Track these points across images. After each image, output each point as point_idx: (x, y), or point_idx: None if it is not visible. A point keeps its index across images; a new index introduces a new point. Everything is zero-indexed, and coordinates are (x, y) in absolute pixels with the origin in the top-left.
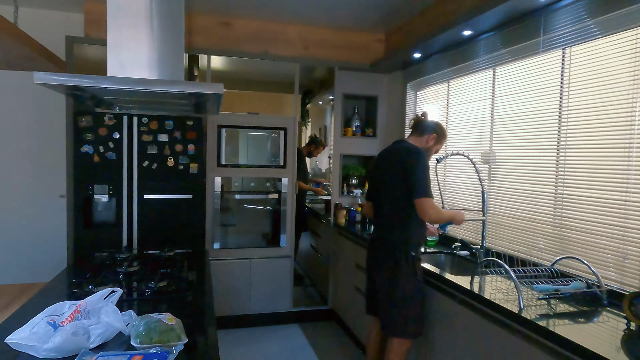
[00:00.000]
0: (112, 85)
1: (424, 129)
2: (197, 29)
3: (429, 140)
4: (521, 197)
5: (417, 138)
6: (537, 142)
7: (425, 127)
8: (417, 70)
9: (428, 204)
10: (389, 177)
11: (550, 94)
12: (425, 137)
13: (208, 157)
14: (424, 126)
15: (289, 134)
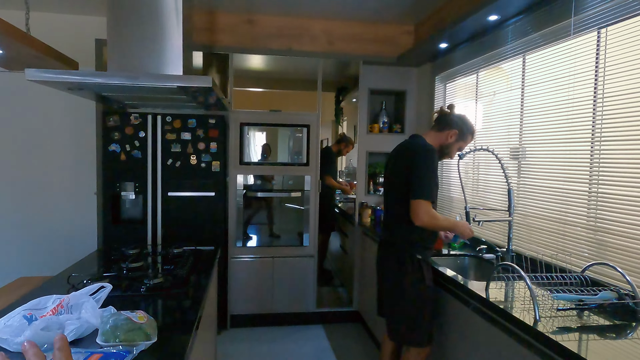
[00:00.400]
0: (98, 80)
1: (445, 123)
2: (221, 28)
3: (449, 136)
4: (552, 196)
5: (437, 133)
6: (570, 135)
7: (447, 122)
8: (445, 62)
9: (421, 206)
10: (395, 175)
11: (584, 80)
12: (446, 133)
13: (230, 155)
14: (445, 120)
15: (312, 131)
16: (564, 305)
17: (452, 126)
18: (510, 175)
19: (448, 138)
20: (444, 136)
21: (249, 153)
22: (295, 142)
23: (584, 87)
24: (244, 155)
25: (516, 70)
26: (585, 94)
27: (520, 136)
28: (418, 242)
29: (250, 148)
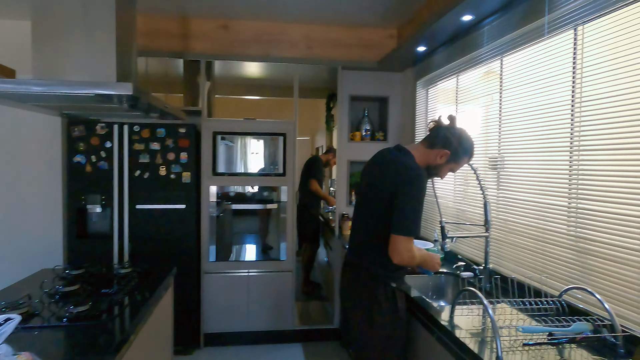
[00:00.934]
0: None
1: (437, 140)
2: (195, 34)
3: (439, 156)
4: (531, 211)
5: (426, 150)
6: (548, 144)
7: (440, 139)
8: (426, 66)
9: (402, 243)
10: (374, 191)
11: (562, 83)
12: (436, 152)
13: (203, 165)
14: (438, 136)
15: (289, 140)
16: (530, 340)
17: (445, 145)
18: (489, 187)
19: (437, 158)
20: (434, 155)
21: (223, 163)
22: (272, 152)
23: (562, 90)
24: (218, 165)
25: (494, 71)
26: (563, 98)
27: (499, 145)
28: (393, 268)
29: (224, 158)
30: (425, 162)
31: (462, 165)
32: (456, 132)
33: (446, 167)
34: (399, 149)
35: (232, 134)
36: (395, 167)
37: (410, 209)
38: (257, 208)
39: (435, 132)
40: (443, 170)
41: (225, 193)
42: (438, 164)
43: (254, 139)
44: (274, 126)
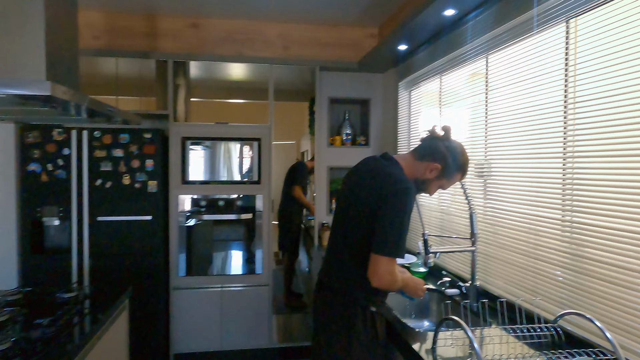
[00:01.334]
0: None
1: (428, 152)
2: (162, 33)
3: (429, 170)
4: (522, 224)
5: (415, 162)
6: (539, 149)
7: (431, 151)
8: (408, 67)
9: (384, 265)
10: (354, 206)
11: (553, 83)
12: (425, 165)
13: (171, 173)
14: (429, 148)
15: (264, 145)
16: None
17: (436, 158)
18: (475, 196)
19: (427, 172)
20: (423, 168)
21: (193, 171)
22: (246, 158)
23: (553, 90)
24: (187, 173)
25: (479, 73)
26: (555, 98)
27: (485, 150)
28: (373, 290)
29: (195, 165)
30: (413, 175)
31: (453, 183)
32: (450, 145)
33: (435, 183)
34: (387, 158)
35: (202, 139)
36: (380, 177)
37: (394, 226)
38: (231, 218)
39: (427, 143)
40: (432, 186)
41: (197, 202)
42: (427, 179)
43: (227, 145)
44: (248, 131)
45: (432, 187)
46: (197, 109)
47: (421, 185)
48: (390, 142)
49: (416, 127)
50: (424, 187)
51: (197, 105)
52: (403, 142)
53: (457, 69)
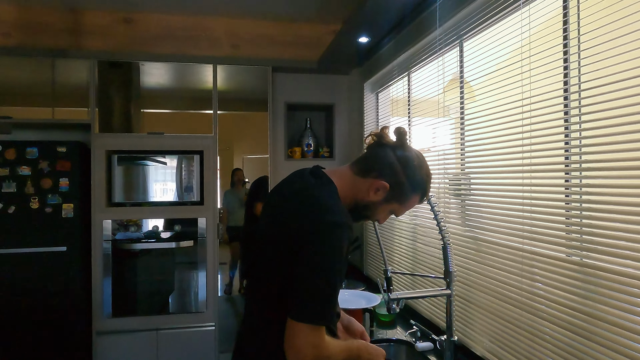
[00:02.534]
0: None
1: (371, 165)
2: (88, 29)
3: (373, 189)
4: (512, 262)
5: (355, 179)
6: (533, 158)
7: (376, 164)
8: (373, 65)
9: (306, 337)
10: (270, 248)
11: (549, 69)
12: (369, 183)
13: (94, 194)
14: (373, 159)
15: (207, 159)
16: None
17: (382, 173)
18: (452, 222)
19: (370, 192)
20: (365, 187)
21: (122, 190)
22: (186, 175)
23: (550, 79)
24: (115, 193)
25: (452, 64)
26: (552, 90)
27: (463, 160)
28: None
29: (124, 184)
30: (353, 196)
31: (409, 207)
32: (405, 155)
33: (384, 208)
34: (316, 175)
35: (132, 153)
36: (303, 206)
37: (319, 279)
38: (168, 246)
39: (372, 152)
40: (379, 212)
41: (126, 228)
42: (371, 202)
43: (163, 159)
44: (188, 142)
45: (379, 212)
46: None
47: (363, 210)
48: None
49: None
50: (368, 212)
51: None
52: None
53: (426, 63)
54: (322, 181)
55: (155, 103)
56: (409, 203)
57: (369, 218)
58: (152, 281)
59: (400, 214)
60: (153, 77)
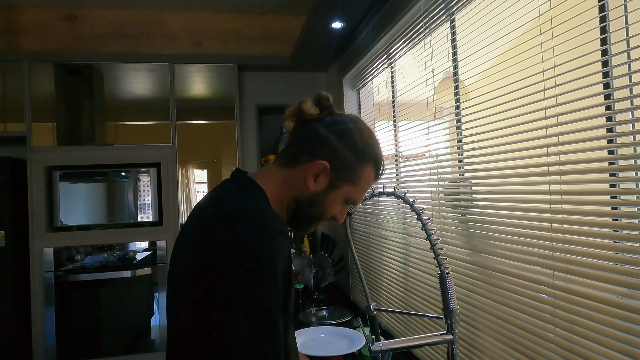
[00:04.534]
0: None
1: (300, 148)
2: (26, 28)
3: (311, 175)
4: (513, 294)
5: (285, 173)
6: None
7: (306, 143)
8: (352, 56)
9: None
10: (181, 283)
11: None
12: (304, 170)
13: (33, 217)
14: (302, 139)
15: (166, 173)
16: None
17: (316, 151)
18: (449, 242)
19: (309, 181)
20: (301, 177)
21: (67, 212)
22: (143, 191)
23: (583, 48)
24: (58, 216)
25: (442, 45)
26: (585, 62)
27: (460, 164)
28: None
29: (69, 204)
30: (288, 194)
31: (367, 186)
32: (336, 121)
33: (334, 197)
34: (236, 179)
35: (76, 169)
36: (208, 221)
37: (248, 318)
38: (122, 276)
39: (296, 133)
40: (329, 204)
41: (72, 257)
42: (315, 193)
43: (115, 175)
44: (143, 154)
45: (330, 205)
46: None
47: (309, 208)
48: None
49: None
50: (316, 209)
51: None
52: None
53: (411, 45)
54: (241, 185)
55: (111, 113)
56: (362, 180)
57: (320, 218)
58: (107, 318)
59: (359, 199)
60: (110, 84)
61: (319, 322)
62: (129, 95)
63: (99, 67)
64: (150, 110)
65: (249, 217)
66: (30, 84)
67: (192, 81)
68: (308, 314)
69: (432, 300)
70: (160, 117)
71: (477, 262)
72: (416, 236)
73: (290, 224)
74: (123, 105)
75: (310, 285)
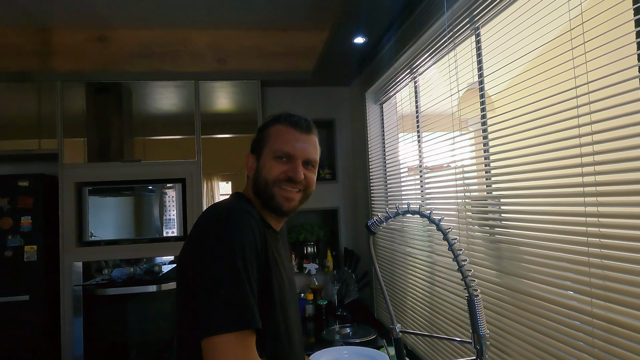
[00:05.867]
0: None
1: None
2: (59, 49)
3: (248, 159)
4: (547, 321)
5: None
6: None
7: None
8: (374, 70)
9: (228, 349)
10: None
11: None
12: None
13: (63, 232)
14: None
15: (191, 188)
16: None
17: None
18: (478, 263)
19: (247, 170)
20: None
21: (96, 227)
22: (168, 206)
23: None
24: (87, 230)
25: (467, 54)
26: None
27: (488, 182)
28: None
29: (97, 219)
30: (251, 187)
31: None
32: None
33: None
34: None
35: (104, 185)
36: (194, 227)
37: (221, 283)
38: (149, 290)
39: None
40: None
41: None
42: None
43: (142, 190)
44: (169, 169)
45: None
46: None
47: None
48: (360, 173)
49: (392, 151)
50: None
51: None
52: (376, 174)
53: (435, 59)
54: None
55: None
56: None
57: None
58: (134, 333)
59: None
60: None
61: (342, 340)
62: (155, 111)
63: (127, 85)
64: (175, 125)
65: (216, 211)
66: (62, 102)
67: (216, 97)
68: (332, 332)
69: (459, 322)
70: (186, 131)
71: (507, 285)
72: (442, 255)
73: (266, 207)
74: (150, 121)
75: (334, 301)
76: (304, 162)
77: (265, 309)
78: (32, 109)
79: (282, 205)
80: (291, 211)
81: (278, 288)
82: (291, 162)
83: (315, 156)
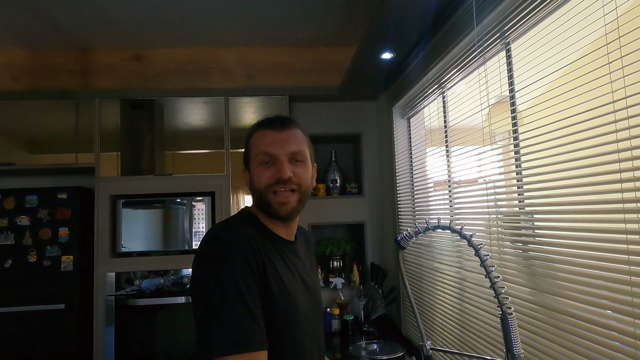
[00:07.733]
0: None
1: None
2: (97, 68)
3: (243, 173)
4: (587, 342)
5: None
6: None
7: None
8: (402, 85)
9: None
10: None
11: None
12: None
13: (98, 243)
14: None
15: (220, 201)
16: None
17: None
18: (511, 280)
19: (245, 177)
20: (244, 176)
21: (129, 239)
22: (198, 219)
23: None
24: (120, 242)
25: (496, 68)
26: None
27: (520, 197)
28: None
29: (131, 231)
30: (252, 195)
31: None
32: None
33: (253, 169)
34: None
35: (138, 197)
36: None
37: (215, 305)
38: (180, 302)
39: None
40: (254, 176)
41: (132, 281)
42: (249, 182)
43: (173, 203)
44: (198, 183)
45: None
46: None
47: (254, 190)
48: (388, 188)
49: (419, 166)
50: (255, 186)
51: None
52: (403, 188)
53: (462, 74)
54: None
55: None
56: (253, 140)
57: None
58: (167, 342)
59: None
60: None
61: (369, 357)
62: (186, 126)
63: (159, 101)
64: (205, 139)
65: (210, 233)
66: (99, 119)
67: (245, 111)
68: (358, 348)
69: (491, 341)
70: (215, 145)
71: (541, 303)
72: (472, 271)
73: (269, 216)
74: (181, 136)
75: (360, 317)
76: (290, 159)
77: (268, 324)
78: (70, 125)
79: (279, 211)
80: (291, 214)
81: (284, 302)
82: (275, 162)
83: (299, 147)
